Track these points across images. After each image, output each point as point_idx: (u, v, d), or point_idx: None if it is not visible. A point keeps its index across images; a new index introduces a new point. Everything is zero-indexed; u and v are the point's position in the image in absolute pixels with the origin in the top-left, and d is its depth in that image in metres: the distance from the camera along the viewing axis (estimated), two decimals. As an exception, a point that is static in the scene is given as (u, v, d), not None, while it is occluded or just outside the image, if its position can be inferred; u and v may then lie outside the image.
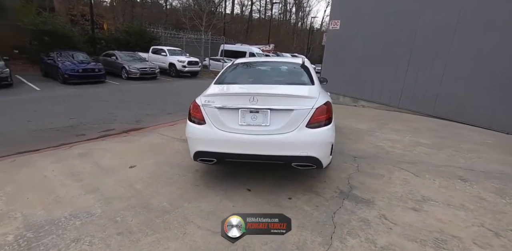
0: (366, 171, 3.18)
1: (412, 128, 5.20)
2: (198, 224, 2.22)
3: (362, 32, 7.29)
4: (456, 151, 3.96)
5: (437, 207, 2.45)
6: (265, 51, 21.16)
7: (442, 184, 2.89)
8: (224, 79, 3.14)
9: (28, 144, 4.29)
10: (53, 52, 11.21)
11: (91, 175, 3.16)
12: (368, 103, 7.40)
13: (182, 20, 17.69)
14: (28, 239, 2.06)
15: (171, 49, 14.69)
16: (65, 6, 15.16)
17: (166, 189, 2.79)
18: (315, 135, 2.41)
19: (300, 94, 2.56)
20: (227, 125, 2.50)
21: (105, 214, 2.37)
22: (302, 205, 2.46)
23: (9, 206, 2.51)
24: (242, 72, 3.27)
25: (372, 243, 1.97)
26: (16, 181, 3.00)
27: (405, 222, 2.22)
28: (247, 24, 33.95)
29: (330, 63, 8.44)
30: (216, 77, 3.27)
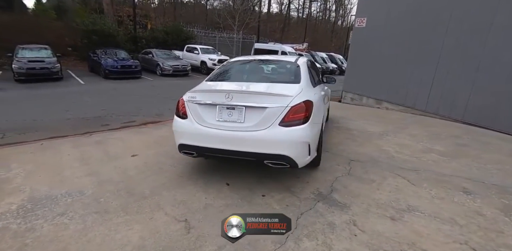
0: (356, 175, 3.01)
1: (432, 133, 4.75)
2: (166, 211, 2.33)
3: (388, 30, 6.81)
4: (474, 160, 3.54)
5: (420, 218, 2.24)
6: (298, 50, 20.79)
7: (438, 195, 2.62)
8: (215, 76, 3.22)
9: (60, 130, 4.86)
10: (98, 50, 12.39)
11: (97, 161, 3.48)
12: (393, 105, 6.91)
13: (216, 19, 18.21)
14: (26, 209, 2.36)
15: (204, 48, 15.26)
16: (112, 8, 16.66)
17: (153, 178, 2.97)
18: (288, 133, 2.37)
19: (275, 92, 2.53)
20: (206, 121, 2.57)
21: (93, 195, 2.61)
22: (273, 203, 2.43)
23: (23, 181, 2.88)
24: (233, 70, 3.31)
25: (327, 247, 1.89)
26: (37, 161, 3.43)
27: (375, 230, 2.08)
28: (284, 23, 33.66)
29: (354, 63, 8.04)
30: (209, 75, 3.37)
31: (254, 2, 25.91)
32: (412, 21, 6.28)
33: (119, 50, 13.04)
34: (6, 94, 8.10)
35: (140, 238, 2.01)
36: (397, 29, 6.63)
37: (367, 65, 7.48)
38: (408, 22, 6.35)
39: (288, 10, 37.94)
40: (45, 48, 10.79)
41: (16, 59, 9.56)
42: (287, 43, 25.13)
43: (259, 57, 3.58)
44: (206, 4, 36.34)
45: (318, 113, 2.75)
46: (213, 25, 20.14)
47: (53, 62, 10.07)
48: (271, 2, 36.26)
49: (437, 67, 5.79)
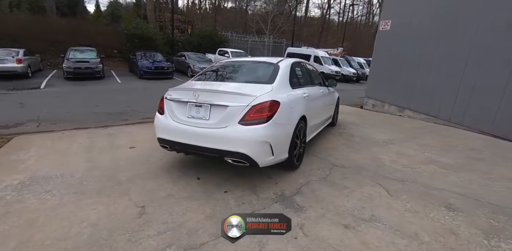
0: (332, 181, 2.88)
1: (446, 144, 4.30)
2: (131, 198, 2.49)
3: (412, 33, 6.32)
4: (480, 176, 3.13)
5: (377, 229, 2.07)
6: (332, 54, 20.25)
7: (413, 209, 2.39)
8: (199, 76, 3.35)
9: (85, 122, 5.44)
10: (138, 52, 13.52)
11: (99, 150, 3.83)
12: (415, 113, 6.38)
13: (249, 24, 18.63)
14: (23, 185, 2.72)
15: (234, 51, 15.71)
16: (155, 14, 18.08)
17: (137, 167, 3.18)
18: (247, 132, 2.38)
19: (238, 92, 2.56)
20: (178, 117, 2.71)
21: (79, 178, 2.89)
22: (230, 200, 2.45)
23: (33, 163, 3.31)
24: (215, 71, 3.40)
25: (260, 245, 1.86)
26: (53, 147, 3.89)
27: (320, 236, 1.98)
28: (322, 27, 33.02)
29: (376, 68, 7.61)
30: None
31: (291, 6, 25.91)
32: (437, 26, 5.77)
33: (156, 52, 14.06)
34: (54, 89, 9.27)
35: (97, 217, 2.19)
36: (421, 33, 6.14)
37: (390, 70, 7.03)
38: (433, 26, 5.85)
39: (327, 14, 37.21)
40: (91, 50, 12.11)
41: (66, 59, 10.89)
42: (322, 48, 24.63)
43: (246, 58, 3.63)
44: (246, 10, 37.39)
45: (290, 114, 2.71)
46: (247, 29, 20.66)
47: (96, 62, 11.25)
48: (308, 6, 35.89)
49: (463, 74, 5.23)
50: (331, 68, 17.81)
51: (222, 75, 3.24)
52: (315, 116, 3.58)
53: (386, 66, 7.15)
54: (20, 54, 10.29)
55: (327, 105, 4.37)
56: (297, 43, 22.98)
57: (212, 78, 3.21)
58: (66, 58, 11.05)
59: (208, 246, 1.87)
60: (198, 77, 3.34)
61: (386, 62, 7.16)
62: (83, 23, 17.06)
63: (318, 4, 36.85)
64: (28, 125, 5.32)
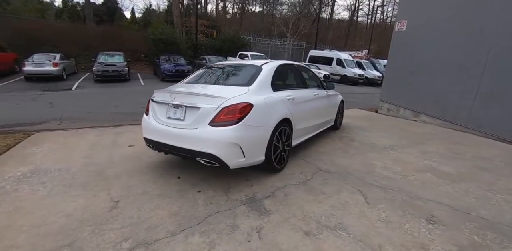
0: (310, 185, 2.79)
1: (452, 152, 3.96)
2: (110, 192, 2.63)
3: (428, 34, 5.92)
4: (481, 187, 2.85)
5: (339, 238, 1.98)
6: (357, 57, 19.62)
7: (388, 219, 2.24)
8: (187, 79, 3.44)
9: (101, 121, 5.84)
10: (162, 56, 14.19)
11: (102, 147, 4.08)
12: (430, 118, 5.96)
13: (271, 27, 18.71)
14: (24, 176, 2.98)
15: (254, 54, 15.86)
16: (181, 20, 18.88)
17: (127, 165, 3.34)
18: (216, 133, 2.41)
19: (210, 94, 2.60)
20: (159, 118, 2.82)
21: (73, 172, 3.11)
22: (199, 199, 2.49)
23: (41, 157, 3.61)
24: (202, 74, 3.47)
25: (209, 246, 1.87)
26: (63, 144, 4.23)
27: (275, 241, 1.94)
28: (348, 29, 32.09)
29: (392, 70, 7.24)
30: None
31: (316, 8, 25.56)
32: (455, 26, 5.37)
33: (180, 56, 14.65)
34: (83, 91, 10.06)
35: (74, 209, 2.35)
36: (438, 34, 5.74)
37: (405, 72, 6.65)
38: (451, 26, 5.45)
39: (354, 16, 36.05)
40: (119, 54, 12.93)
41: (96, 63, 11.76)
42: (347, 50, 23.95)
43: (235, 61, 3.67)
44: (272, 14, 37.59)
45: (266, 116, 2.69)
46: (270, 33, 20.76)
47: (122, 66, 12.01)
48: (334, 8, 35.10)
49: (482, 76, 4.80)
50: (354, 71, 17.25)
51: (207, 77, 3.31)
52: (304, 119, 3.50)
53: (401, 69, 6.78)
54: (57, 58, 11.31)
55: (325, 108, 4.25)
56: (321, 46, 22.58)
57: (197, 80, 3.30)
58: (96, 61, 11.94)
59: (161, 243, 1.92)
60: (186, 80, 3.45)
61: (401, 65, 6.79)
62: (115, 29, 18.31)
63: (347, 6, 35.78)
64: (51, 123, 5.82)
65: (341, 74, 17.88)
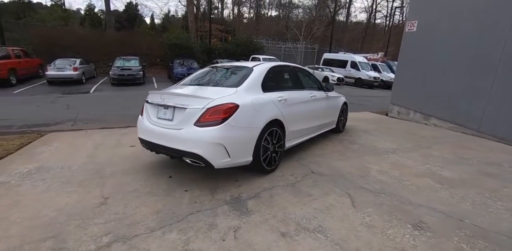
0: (298, 187, 2.75)
1: (458, 157, 3.77)
2: (102, 189, 2.73)
3: (440, 34, 5.68)
4: (482, 194, 2.68)
5: (316, 241, 1.93)
6: (372, 59, 19.18)
7: (372, 223, 2.16)
8: (183, 81, 3.52)
9: (111, 123, 6.08)
10: (176, 60, 14.59)
11: (105, 147, 4.24)
12: (441, 122, 5.70)
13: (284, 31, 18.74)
14: (29, 173, 3.15)
15: (266, 58, 15.94)
16: (196, 25, 19.38)
17: (124, 164, 3.46)
18: (200, 133, 2.45)
19: (196, 95, 2.65)
20: (151, 118, 2.91)
21: (74, 170, 3.26)
22: (185, 199, 2.52)
23: (48, 155, 3.81)
24: (197, 76, 3.53)
25: (184, 243, 1.89)
26: (70, 143, 4.44)
27: (249, 241, 1.92)
28: (365, 31, 31.44)
29: (402, 72, 7.00)
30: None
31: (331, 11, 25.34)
32: (467, 25, 5.13)
33: (193, 60, 15.01)
34: (100, 94, 10.53)
35: (66, 204, 2.45)
36: (449, 34, 5.50)
37: (415, 74, 6.42)
38: (462, 26, 5.22)
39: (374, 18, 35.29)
40: (135, 59, 13.44)
41: (113, 67, 12.28)
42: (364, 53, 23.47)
43: (228, 63, 3.70)
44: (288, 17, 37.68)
45: (253, 117, 2.69)
46: (283, 36, 20.81)
47: (137, 70, 12.46)
48: (350, 10, 34.60)
49: (495, 77, 4.54)
50: (369, 74, 16.87)
51: (201, 79, 3.37)
52: (299, 121, 3.47)
53: (411, 71, 6.55)
54: (77, 63, 11.94)
55: (324, 109, 4.19)
56: (336, 48, 22.30)
57: (191, 82, 3.37)
58: (113, 66, 12.48)
59: (139, 238, 1.97)
60: (182, 82, 3.53)
61: (411, 66, 6.57)
62: (133, 35, 19.07)
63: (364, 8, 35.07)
64: (65, 124, 6.13)
65: (356, 77, 17.54)
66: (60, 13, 20.38)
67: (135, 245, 1.90)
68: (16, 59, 11.11)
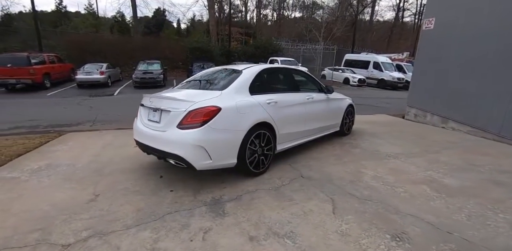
0: (282, 191, 2.71)
1: (468, 163, 3.47)
2: (96, 186, 2.89)
3: (459, 32, 5.28)
4: (483, 204, 2.45)
5: (283, 247, 1.89)
6: (396, 60, 18.31)
7: (347, 231, 2.06)
8: (178, 85, 3.62)
9: (126, 124, 6.39)
10: (196, 63, 15.04)
11: (112, 147, 4.48)
12: (460, 125, 5.29)
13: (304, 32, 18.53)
14: (39, 169, 3.42)
15: (284, 60, 15.86)
16: (217, 29, 19.82)
17: (124, 163, 3.63)
18: (182, 135, 2.51)
19: (180, 98, 2.71)
20: (143, 120, 3.04)
21: (77, 168, 3.48)
22: (167, 198, 2.59)
23: (60, 153, 4.10)
24: (192, 80, 3.60)
25: (154, 241, 1.95)
26: (82, 142, 4.75)
27: (216, 243, 1.93)
28: (391, 30, 30.05)
29: (419, 72, 6.60)
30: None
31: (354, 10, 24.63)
32: (487, 21, 4.73)
33: (212, 63, 15.37)
34: (122, 96, 11.14)
35: (61, 199, 2.63)
36: (468, 32, 5.10)
37: (433, 75, 6.03)
38: (483, 23, 4.82)
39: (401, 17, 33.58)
40: (157, 62, 14.05)
41: (136, 71, 12.94)
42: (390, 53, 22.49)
43: (222, 66, 3.72)
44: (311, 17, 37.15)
45: (236, 119, 2.70)
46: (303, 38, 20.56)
47: (158, 73, 13.02)
48: (375, 9, 33.23)
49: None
50: (392, 75, 16.11)
51: (193, 83, 3.44)
52: (292, 124, 3.41)
53: (429, 71, 6.17)
54: (103, 67, 12.74)
55: (324, 112, 4.08)
56: (359, 49, 21.59)
57: (183, 86, 3.46)
58: (136, 69, 13.15)
59: (114, 235, 2.06)
60: (178, 85, 3.64)
61: (429, 66, 6.18)
62: (157, 40, 19.97)
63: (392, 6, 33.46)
64: (85, 124, 6.57)
65: (378, 78, 16.85)
66: (91, 20, 21.96)
67: (109, 240, 1.99)
68: (50, 65, 12.13)
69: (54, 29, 18.86)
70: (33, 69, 10.83)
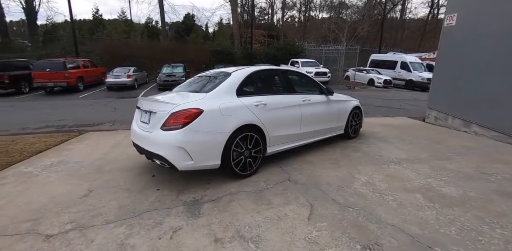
0: (263, 194, 2.67)
1: (478, 172, 3.15)
2: (92, 183, 3.08)
3: (482, 27, 4.82)
4: (481, 218, 2.21)
5: (244, 250, 1.87)
6: (428, 59, 17.14)
7: (315, 239, 1.98)
8: (175, 88, 3.73)
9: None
10: (217, 65, 15.38)
11: (121, 146, 4.73)
12: (483, 129, 4.82)
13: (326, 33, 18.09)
14: (51, 165, 3.72)
15: (305, 61, 15.62)
16: (239, 32, 20.12)
17: (125, 162, 3.82)
18: (164, 137, 2.59)
19: (162, 100, 2.81)
20: (137, 121, 3.19)
21: (83, 165, 3.73)
22: (152, 197, 2.68)
23: (74, 151, 4.43)
24: (186, 82, 3.68)
25: (125, 238, 2.03)
26: (97, 141, 5.06)
27: (181, 242, 1.96)
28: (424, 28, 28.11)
29: (440, 72, 6.12)
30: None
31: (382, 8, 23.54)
32: None
33: (232, 65, 15.64)
34: (145, 98, 11.70)
35: (59, 193, 2.85)
36: (493, 28, 4.64)
37: (454, 74, 5.56)
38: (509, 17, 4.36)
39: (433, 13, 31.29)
40: (180, 65, 14.60)
41: (160, 74, 13.56)
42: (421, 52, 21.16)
43: (218, 69, 3.74)
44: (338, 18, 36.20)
45: (219, 121, 2.72)
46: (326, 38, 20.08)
47: (180, 76, 13.52)
48: (405, 6, 31.32)
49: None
50: (422, 75, 15.10)
51: (186, 86, 3.52)
52: (284, 126, 3.36)
53: (450, 70, 5.70)
54: (131, 71, 13.53)
55: (323, 114, 3.95)
56: (386, 48, 20.60)
57: (177, 89, 3.56)
58: (160, 72, 13.78)
59: (93, 228, 2.18)
60: (174, 89, 3.75)
61: (450, 65, 5.71)
62: (183, 44, 20.75)
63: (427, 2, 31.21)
64: (105, 124, 7.02)
65: (406, 78, 15.91)
66: (123, 27, 23.53)
67: (86, 233, 2.12)
68: (83, 69, 13.17)
69: (91, 36, 20.47)
70: (68, 73, 11.84)
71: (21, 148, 4.57)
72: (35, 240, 2.07)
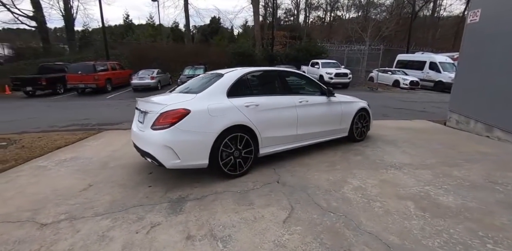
0: (246, 195, 2.68)
1: (487, 180, 2.88)
2: (93, 178, 3.28)
3: (510, 24, 4.41)
4: (473, 231, 2.02)
5: (211, 249, 1.90)
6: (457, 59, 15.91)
7: (285, 243, 1.94)
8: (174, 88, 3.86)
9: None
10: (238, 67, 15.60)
11: (130, 144, 4.94)
12: (508, 135, 4.38)
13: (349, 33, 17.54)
14: (65, 161, 4.02)
15: (325, 62, 15.27)
16: (261, 33, 20.23)
17: (129, 159, 4.00)
18: (153, 135, 2.71)
19: (155, 101, 2.92)
20: (136, 122, 3.35)
21: (92, 161, 3.99)
22: (140, 193, 2.81)
23: (88, 148, 4.74)
24: (183, 84, 3.79)
25: (107, 230, 2.16)
26: (112, 139, 5.39)
27: (156, 238, 2.04)
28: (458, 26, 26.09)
29: (462, 72, 5.67)
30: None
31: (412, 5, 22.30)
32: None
33: (252, 67, 15.77)
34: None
35: (63, 186, 3.08)
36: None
37: (477, 74, 5.13)
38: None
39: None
40: (201, 67, 15.00)
41: (181, 75, 14.05)
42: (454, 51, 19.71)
43: (215, 71, 3.78)
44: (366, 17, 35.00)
45: (207, 122, 2.77)
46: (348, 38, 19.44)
47: (200, 77, 13.88)
48: (437, 4, 29.24)
49: None
50: (452, 76, 14.03)
51: (182, 88, 3.62)
52: (278, 128, 3.33)
53: (473, 70, 5.27)
54: (154, 73, 14.17)
55: (323, 116, 3.85)
56: (414, 48, 19.49)
57: (173, 90, 3.68)
58: (182, 74, 14.28)
59: (82, 220, 2.34)
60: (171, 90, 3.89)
61: (473, 65, 5.28)
62: (206, 46, 21.30)
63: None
64: (124, 123, 7.41)
65: (435, 80, 14.92)
66: (150, 31, 24.77)
67: (75, 224, 2.28)
68: (112, 71, 14.04)
69: (121, 40, 21.79)
70: (97, 75, 12.71)
71: (44, 144, 4.99)
72: (30, 228, 2.26)
